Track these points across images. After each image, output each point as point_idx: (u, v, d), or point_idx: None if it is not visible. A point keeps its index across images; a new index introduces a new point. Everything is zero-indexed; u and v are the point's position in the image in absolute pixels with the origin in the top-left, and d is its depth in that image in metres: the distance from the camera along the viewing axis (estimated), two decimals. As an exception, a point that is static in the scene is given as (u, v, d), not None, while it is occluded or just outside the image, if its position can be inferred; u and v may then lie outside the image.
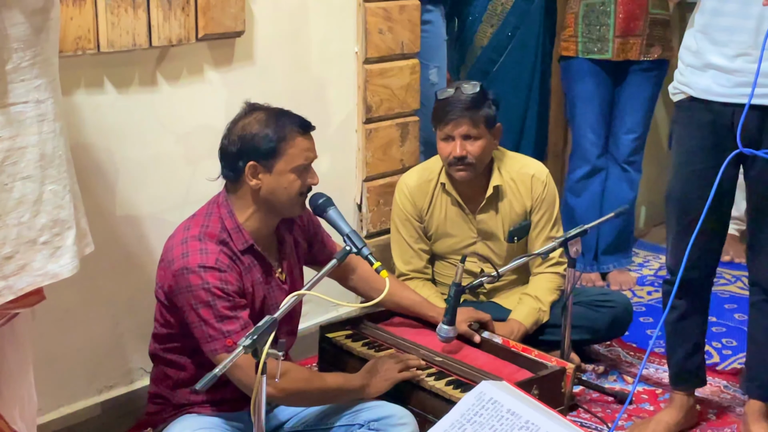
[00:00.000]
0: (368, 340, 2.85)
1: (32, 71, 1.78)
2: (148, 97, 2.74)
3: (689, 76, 2.52)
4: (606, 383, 3.11)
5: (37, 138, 1.79)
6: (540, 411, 2.25)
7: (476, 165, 2.98)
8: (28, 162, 1.78)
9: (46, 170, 1.82)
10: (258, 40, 2.98)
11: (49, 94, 1.82)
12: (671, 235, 2.66)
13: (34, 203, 1.80)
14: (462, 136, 2.94)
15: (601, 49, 3.72)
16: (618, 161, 3.94)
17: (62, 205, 1.85)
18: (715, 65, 2.43)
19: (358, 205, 3.40)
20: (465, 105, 2.93)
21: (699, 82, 2.48)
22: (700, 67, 2.47)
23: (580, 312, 3.05)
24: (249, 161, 2.32)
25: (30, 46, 1.77)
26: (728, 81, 2.41)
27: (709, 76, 2.45)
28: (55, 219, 1.84)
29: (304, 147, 2.36)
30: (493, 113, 2.99)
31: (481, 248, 3.10)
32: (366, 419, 2.41)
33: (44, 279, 1.84)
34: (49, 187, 1.82)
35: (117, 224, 2.73)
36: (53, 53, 1.86)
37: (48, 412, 2.65)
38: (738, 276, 4.04)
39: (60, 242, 1.85)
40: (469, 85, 2.97)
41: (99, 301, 2.73)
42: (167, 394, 2.42)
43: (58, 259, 1.85)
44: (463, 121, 2.93)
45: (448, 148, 2.97)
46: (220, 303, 2.24)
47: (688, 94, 2.53)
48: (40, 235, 1.82)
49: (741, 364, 3.26)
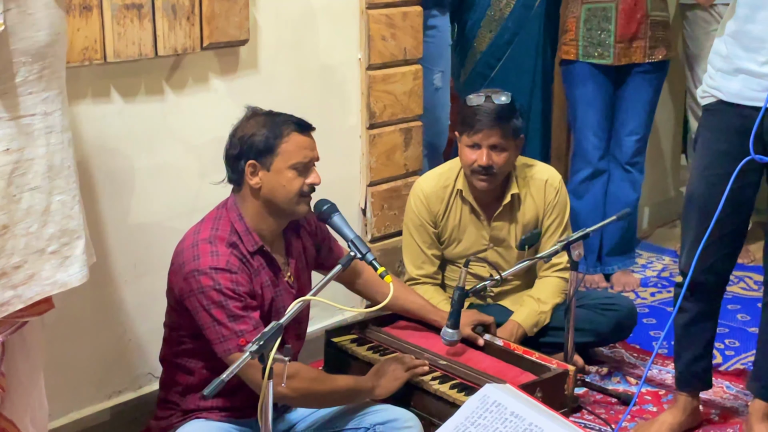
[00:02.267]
0: (373, 344, 2.87)
1: (40, 84, 1.81)
2: (155, 106, 2.77)
3: (719, 80, 2.52)
4: (609, 385, 3.14)
5: (45, 150, 1.82)
6: (543, 413, 2.27)
7: (499, 176, 2.99)
8: (36, 173, 1.81)
9: (54, 181, 1.85)
10: (262, 48, 3.01)
11: (56, 106, 1.85)
12: (689, 238, 2.66)
13: (42, 213, 1.83)
14: (490, 146, 2.94)
15: (602, 54, 3.75)
16: (620, 163, 3.97)
17: (71, 215, 1.88)
18: (745, 70, 2.44)
19: (362, 210, 3.43)
20: (497, 115, 2.93)
21: (729, 86, 2.49)
22: (731, 72, 2.48)
23: (584, 315, 3.07)
24: (248, 160, 2.36)
25: (37, 59, 1.80)
26: (758, 85, 2.42)
27: (740, 80, 2.46)
28: (64, 229, 1.87)
29: (301, 144, 2.38)
30: (520, 124, 2.99)
31: (491, 255, 3.11)
32: (372, 422, 2.44)
33: (53, 288, 1.87)
34: (57, 198, 1.85)
35: (125, 232, 2.76)
36: (61, 66, 1.89)
37: (58, 418, 2.68)
38: (741, 277, 4.06)
39: (69, 252, 1.88)
40: (500, 95, 2.97)
41: (108, 308, 2.76)
42: (177, 399, 2.45)
43: (68, 269, 1.88)
44: (494, 132, 2.92)
45: (474, 155, 2.97)
46: (232, 303, 2.27)
47: (718, 97, 2.53)
48: (49, 245, 1.84)
49: (744, 365, 3.28)
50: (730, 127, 2.50)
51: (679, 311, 2.74)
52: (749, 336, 3.50)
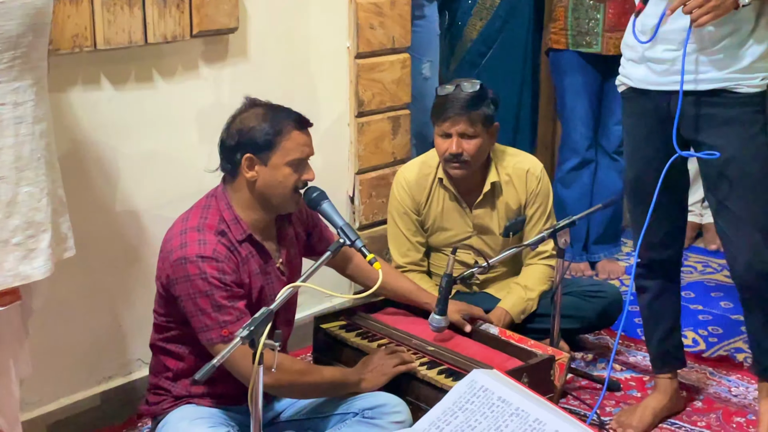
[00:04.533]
0: (362, 330, 2.90)
1: (10, 73, 1.78)
2: (144, 93, 2.78)
3: (628, 67, 2.62)
4: (595, 371, 3.17)
5: (14, 140, 1.80)
6: (530, 398, 2.30)
7: (471, 163, 3.02)
8: (3, 163, 1.79)
9: (23, 172, 1.82)
10: (251, 36, 3.02)
11: (29, 96, 1.82)
12: (633, 220, 2.77)
13: (7, 204, 1.81)
14: (459, 134, 2.97)
15: (590, 43, 3.77)
16: (608, 152, 3.99)
17: (38, 207, 1.86)
18: (649, 58, 2.53)
19: (350, 198, 3.45)
20: (464, 103, 2.96)
21: (636, 72, 2.59)
22: (638, 60, 2.57)
23: (571, 302, 3.10)
24: (246, 153, 2.36)
25: (8, 48, 1.77)
26: (662, 70, 2.51)
27: (645, 66, 2.55)
28: (30, 221, 1.84)
29: (300, 141, 2.40)
30: (491, 112, 3.02)
31: (476, 242, 3.14)
32: (360, 407, 2.46)
33: (15, 280, 1.85)
34: (24, 189, 1.83)
35: (115, 219, 2.77)
36: (38, 57, 1.86)
37: (48, 403, 2.70)
38: (724, 265, 4.09)
39: (34, 244, 1.86)
40: (469, 84, 3.00)
41: (98, 294, 2.77)
42: (167, 385, 2.46)
43: (32, 261, 1.86)
44: (461, 120, 2.96)
45: (445, 144, 3.01)
46: (218, 293, 2.29)
47: (629, 85, 2.63)
48: (13, 236, 1.82)
49: (727, 351, 3.32)
50: (645, 112, 2.61)
51: (640, 291, 2.83)
52: (732, 323, 3.54)
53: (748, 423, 2.84)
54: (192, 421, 2.36)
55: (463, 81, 3.04)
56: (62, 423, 2.72)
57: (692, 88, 2.46)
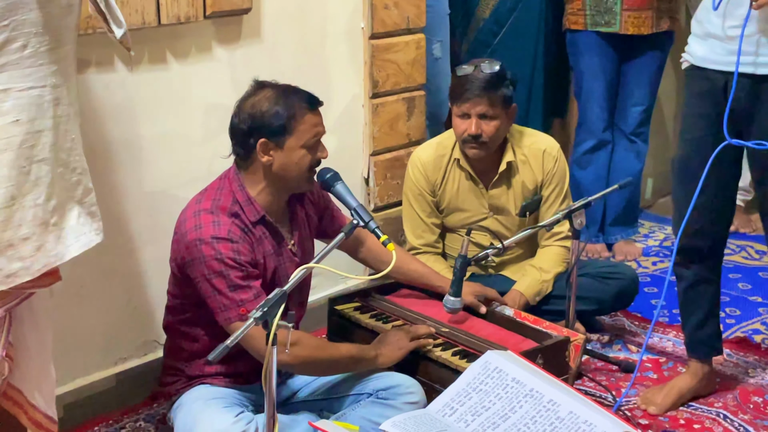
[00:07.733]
0: (376, 312, 2.89)
1: (50, 56, 1.81)
2: (158, 74, 2.78)
3: (692, 44, 2.56)
4: (611, 353, 3.16)
5: (52, 122, 1.83)
6: (544, 379, 2.29)
7: (489, 144, 3.00)
8: (44, 145, 1.81)
9: (58, 153, 1.85)
10: (265, 16, 3.01)
11: (64, 79, 1.85)
12: (676, 203, 2.69)
13: (48, 185, 1.83)
14: (478, 115, 2.96)
15: (609, 22, 3.73)
16: (625, 133, 3.97)
17: (68, 188, 1.89)
18: (713, 34, 2.46)
19: (365, 179, 3.44)
20: (483, 84, 2.94)
21: (698, 50, 2.52)
22: (702, 36, 2.51)
23: (587, 283, 3.09)
24: (260, 138, 2.36)
25: (47, 32, 1.80)
26: (722, 49, 2.44)
27: (708, 44, 2.48)
28: (63, 201, 1.87)
29: (313, 123, 2.40)
30: (510, 93, 3.00)
31: (492, 223, 3.13)
32: (374, 388, 2.47)
33: (56, 260, 1.87)
34: (58, 170, 1.86)
35: (129, 201, 2.78)
36: (71, 38, 1.89)
37: (64, 384, 2.71)
38: (743, 246, 4.07)
39: (64, 223, 1.88)
40: (488, 64, 2.97)
41: (113, 276, 2.79)
42: (182, 366, 2.47)
43: (64, 240, 1.89)
44: (481, 101, 2.94)
45: (464, 125, 2.99)
46: (233, 273, 2.29)
47: (690, 62, 2.57)
48: (51, 217, 1.84)
49: (744, 332, 3.30)
50: (702, 92, 2.54)
51: (679, 279, 2.76)
52: (750, 304, 3.52)
53: (764, 404, 2.83)
54: (207, 401, 2.36)
55: (481, 61, 3.01)
56: (78, 404, 2.73)
57: (750, 71, 2.38)
